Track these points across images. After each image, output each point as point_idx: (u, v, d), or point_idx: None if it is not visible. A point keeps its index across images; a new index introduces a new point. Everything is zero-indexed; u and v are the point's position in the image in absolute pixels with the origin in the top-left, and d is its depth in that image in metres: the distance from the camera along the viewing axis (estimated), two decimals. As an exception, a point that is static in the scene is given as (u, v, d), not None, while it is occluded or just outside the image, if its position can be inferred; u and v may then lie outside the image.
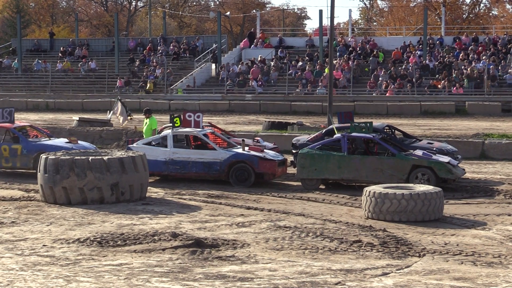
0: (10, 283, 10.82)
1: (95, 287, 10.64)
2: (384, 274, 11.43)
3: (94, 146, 23.88)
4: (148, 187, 18.97)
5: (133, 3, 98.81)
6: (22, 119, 37.60)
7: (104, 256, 12.47)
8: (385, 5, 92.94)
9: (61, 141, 23.05)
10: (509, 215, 16.32)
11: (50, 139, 23.27)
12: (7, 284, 10.74)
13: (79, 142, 23.14)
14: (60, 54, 61.32)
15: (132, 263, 11.98)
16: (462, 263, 12.12)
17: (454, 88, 45.80)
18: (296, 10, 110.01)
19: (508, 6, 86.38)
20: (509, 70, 47.09)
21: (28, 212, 16.58)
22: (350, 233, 14.35)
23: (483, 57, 48.81)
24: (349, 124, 21.13)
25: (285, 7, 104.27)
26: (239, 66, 53.36)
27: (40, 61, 59.16)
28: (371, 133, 20.33)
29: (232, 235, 14.19)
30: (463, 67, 47.80)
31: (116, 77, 54.44)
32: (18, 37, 61.21)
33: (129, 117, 33.03)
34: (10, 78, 59.02)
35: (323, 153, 19.96)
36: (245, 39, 59.54)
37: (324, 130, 23.24)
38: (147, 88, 52.15)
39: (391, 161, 19.46)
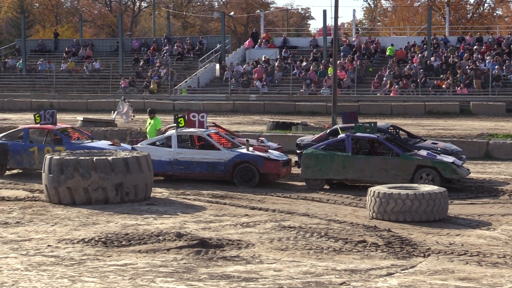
0: (15, 283, 10.83)
1: (100, 287, 10.65)
2: (389, 274, 11.42)
3: None
4: (153, 187, 18.95)
5: (137, 4, 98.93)
6: (27, 119, 37.68)
7: (108, 256, 12.48)
8: (389, 5, 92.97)
9: (104, 143, 22.73)
10: (514, 215, 16.31)
11: (92, 141, 22.96)
12: (12, 284, 10.75)
13: (122, 144, 22.62)
14: (64, 55, 61.35)
15: (136, 263, 11.99)
16: (467, 263, 12.12)
17: (459, 88, 45.74)
18: (300, 10, 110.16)
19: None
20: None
21: (33, 212, 16.59)
22: (355, 233, 14.35)
23: (487, 57, 48.74)
24: (353, 124, 21.10)
25: (289, 7, 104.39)
26: (244, 66, 53.34)
27: (44, 61, 59.20)
28: (375, 133, 20.30)
29: (237, 235, 14.19)
30: (467, 67, 47.75)
31: (120, 77, 54.46)
32: (23, 37, 61.26)
33: (131, 116, 33.01)
34: (14, 78, 59.04)
35: (328, 153, 19.95)
36: (249, 39, 59.54)
37: (328, 130, 23.22)
38: (151, 88, 52.13)
39: (396, 161, 19.44)
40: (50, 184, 17.78)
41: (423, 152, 19.81)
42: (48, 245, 13.29)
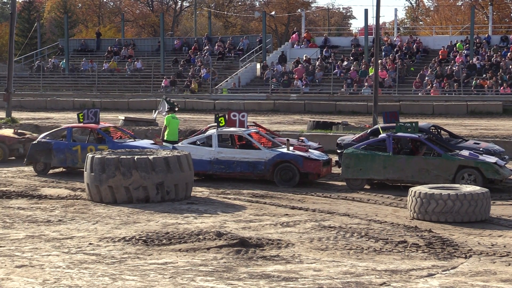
0: (57, 280, 10.94)
1: (141, 285, 10.71)
2: (430, 275, 11.35)
3: None
4: (193, 187, 19.02)
5: (179, 3, 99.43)
6: (69, 118, 38.05)
7: (149, 255, 12.55)
8: (431, 4, 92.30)
9: (146, 142, 22.87)
10: (558, 216, 16.10)
11: (135, 140, 23.17)
12: (54, 282, 10.86)
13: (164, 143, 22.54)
14: (106, 54, 61.90)
15: (177, 262, 12.04)
16: (509, 265, 11.99)
17: (501, 87, 45.27)
18: (341, 10, 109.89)
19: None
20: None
21: (75, 211, 16.74)
22: (395, 234, 14.27)
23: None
24: (394, 124, 21.01)
25: (330, 7, 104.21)
26: (285, 65, 53.29)
27: (86, 61, 59.76)
28: (416, 133, 20.18)
29: (277, 234, 14.19)
30: (510, 66, 47.21)
31: (162, 76, 54.77)
32: (66, 37, 61.88)
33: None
34: (57, 77, 59.71)
35: (368, 153, 19.87)
36: (294, 34, 59.34)
37: (369, 130, 23.14)
38: (192, 87, 52.31)
39: (437, 161, 19.30)
40: (91, 183, 17.92)
41: (465, 152, 19.65)
42: (90, 243, 13.40)
